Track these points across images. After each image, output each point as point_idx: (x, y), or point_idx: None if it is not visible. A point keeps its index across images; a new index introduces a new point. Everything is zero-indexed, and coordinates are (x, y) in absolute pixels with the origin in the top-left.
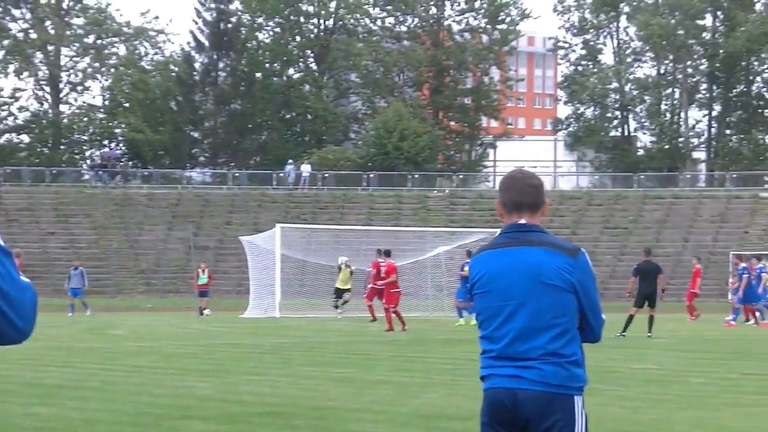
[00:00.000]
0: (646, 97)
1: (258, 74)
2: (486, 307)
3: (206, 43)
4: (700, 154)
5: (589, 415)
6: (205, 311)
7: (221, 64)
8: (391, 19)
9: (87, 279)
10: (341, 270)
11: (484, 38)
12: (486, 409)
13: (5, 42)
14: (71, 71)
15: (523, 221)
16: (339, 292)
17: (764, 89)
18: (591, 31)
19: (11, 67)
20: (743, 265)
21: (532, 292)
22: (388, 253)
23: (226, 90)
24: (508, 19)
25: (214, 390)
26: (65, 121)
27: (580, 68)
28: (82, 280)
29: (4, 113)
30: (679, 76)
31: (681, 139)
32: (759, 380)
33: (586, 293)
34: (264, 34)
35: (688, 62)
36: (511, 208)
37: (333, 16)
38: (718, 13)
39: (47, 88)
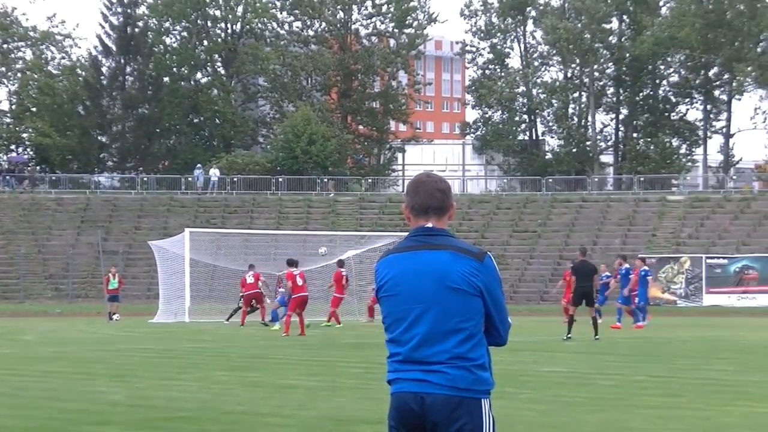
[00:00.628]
0: (554, 101)
1: (165, 78)
2: (392, 310)
3: (113, 48)
4: (607, 158)
5: (499, 418)
6: (114, 316)
7: (128, 69)
8: (299, 24)
9: None
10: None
11: (392, 42)
12: (393, 413)
13: None
14: None
15: (430, 225)
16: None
17: (670, 93)
18: (498, 35)
19: None
20: (626, 266)
21: (439, 296)
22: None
23: (134, 94)
24: (416, 23)
25: (124, 395)
26: None
27: (487, 72)
28: None
29: None
30: (586, 80)
31: (588, 143)
32: (666, 382)
33: (493, 297)
34: (171, 39)
35: (595, 66)
36: (419, 212)
37: (240, 20)
38: (624, 17)
39: None
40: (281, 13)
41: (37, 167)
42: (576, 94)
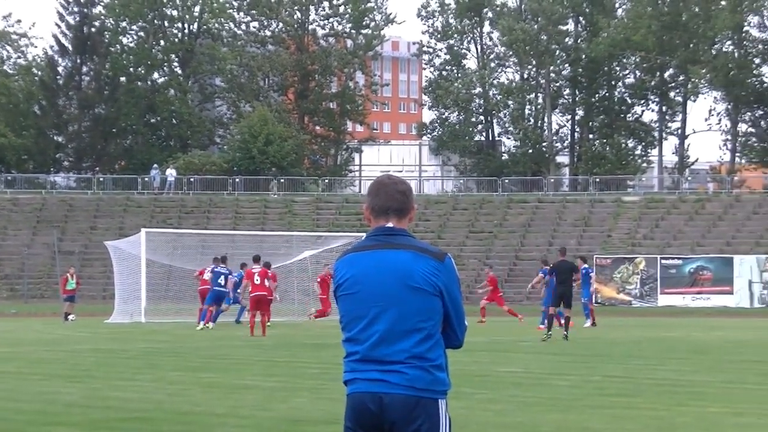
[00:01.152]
0: (510, 102)
1: (122, 78)
2: (351, 309)
3: (69, 47)
4: (563, 159)
5: (455, 418)
6: (70, 316)
7: (85, 68)
8: (256, 24)
9: None
10: None
11: (349, 43)
12: (350, 413)
13: None
14: None
15: (390, 225)
16: None
17: (626, 94)
18: (455, 36)
19: None
20: (585, 266)
21: (398, 296)
22: (256, 260)
23: (90, 94)
24: (373, 24)
25: (80, 396)
26: None
27: (444, 73)
28: None
29: None
30: (542, 81)
31: (544, 144)
32: (621, 382)
33: (452, 298)
34: (128, 38)
35: (551, 67)
36: (379, 213)
37: (197, 20)
38: (581, 18)
39: None
40: (238, 14)
41: None
42: (532, 96)
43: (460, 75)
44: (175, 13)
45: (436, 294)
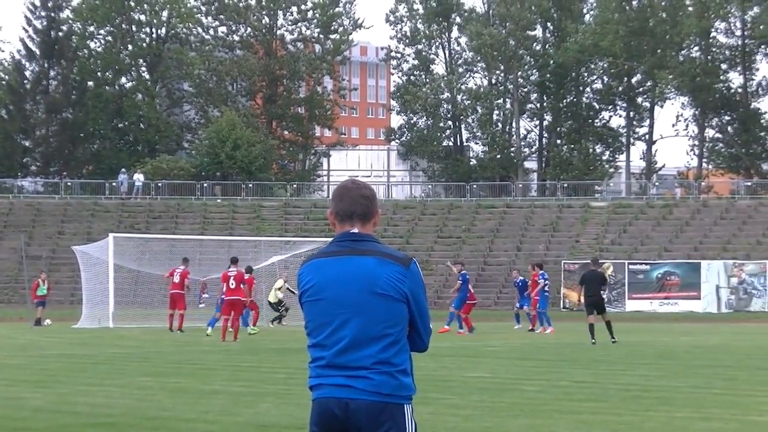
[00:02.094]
0: (478, 107)
1: (90, 83)
2: (317, 315)
3: (37, 52)
4: (531, 164)
5: (423, 423)
6: (46, 321)
7: (52, 73)
8: (224, 29)
9: None
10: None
11: (317, 48)
12: (316, 419)
13: None
14: None
15: (355, 230)
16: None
17: (594, 100)
18: (423, 41)
19: None
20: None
21: (364, 302)
22: (235, 261)
23: (58, 99)
24: (341, 29)
25: (47, 401)
26: None
27: (412, 78)
28: None
29: None
30: (511, 87)
31: (513, 149)
32: (590, 387)
33: (417, 303)
34: (96, 43)
35: (519, 73)
36: (343, 218)
37: (165, 25)
38: (549, 24)
39: None
40: (206, 18)
41: None
42: (500, 101)
43: (428, 80)
44: (143, 17)
45: (402, 300)
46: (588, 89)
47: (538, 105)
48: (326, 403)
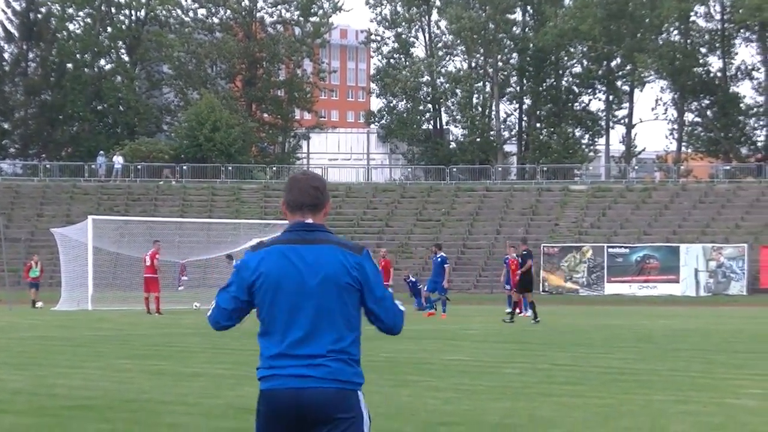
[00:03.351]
0: (458, 91)
1: (69, 65)
2: (271, 304)
3: (15, 33)
4: (511, 147)
5: (402, 406)
6: (38, 304)
7: (31, 55)
8: (203, 11)
9: None
10: None
11: (297, 31)
12: (266, 410)
13: None
14: None
15: (309, 221)
16: None
17: (573, 83)
18: (403, 24)
19: None
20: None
21: (321, 291)
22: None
23: (37, 81)
24: (321, 11)
25: (25, 383)
26: None
27: (392, 61)
28: None
29: None
30: (490, 70)
31: (492, 133)
32: (569, 370)
33: (372, 290)
34: (75, 25)
35: (499, 56)
36: (294, 208)
37: (144, 7)
38: (528, 7)
39: None
40: (186, 1)
41: None
42: (480, 84)
43: (408, 63)
44: None
45: (357, 288)
46: (567, 73)
47: (518, 88)
48: (280, 394)
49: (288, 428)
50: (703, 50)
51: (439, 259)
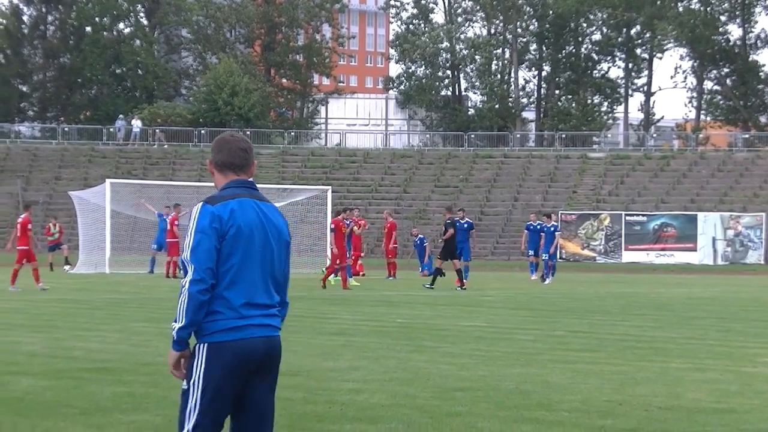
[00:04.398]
0: (477, 57)
1: (88, 28)
2: (243, 255)
3: None
4: (530, 114)
5: (418, 371)
6: (66, 267)
7: (50, 18)
8: None
9: None
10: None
11: None
12: (233, 361)
13: None
14: None
15: (250, 179)
16: None
17: (592, 50)
18: None
19: None
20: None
21: (277, 244)
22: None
23: (55, 44)
24: None
25: (42, 346)
26: None
27: (411, 27)
28: None
29: None
30: (509, 37)
31: (511, 99)
32: (584, 337)
33: (289, 253)
34: None
35: (518, 23)
36: (225, 167)
37: None
38: None
39: None
40: None
41: None
42: (499, 51)
43: (427, 29)
44: None
45: (288, 247)
46: (587, 40)
47: (537, 55)
48: (253, 344)
49: (241, 379)
50: (723, 18)
51: (465, 225)
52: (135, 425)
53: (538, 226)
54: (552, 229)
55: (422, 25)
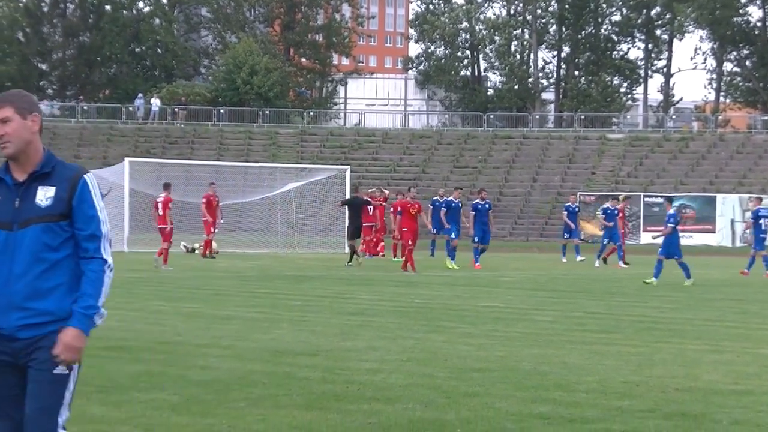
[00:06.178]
0: (496, 38)
1: (107, 7)
2: None
3: None
4: (549, 95)
5: (436, 352)
6: None
7: None
8: None
9: None
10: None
11: None
12: None
13: None
14: None
15: None
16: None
17: (612, 31)
18: None
19: None
20: (606, 205)
21: None
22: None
23: (75, 22)
24: None
25: None
26: None
27: (431, 7)
28: None
29: None
30: (529, 17)
31: (530, 80)
32: (602, 319)
33: None
34: None
35: (538, 3)
36: None
37: None
38: None
39: None
40: None
41: None
42: (518, 31)
43: (446, 9)
44: None
45: None
46: (606, 21)
47: (557, 36)
48: None
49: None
50: (743, 0)
51: (487, 205)
52: (152, 404)
53: (576, 209)
54: (615, 212)
55: (442, 5)
